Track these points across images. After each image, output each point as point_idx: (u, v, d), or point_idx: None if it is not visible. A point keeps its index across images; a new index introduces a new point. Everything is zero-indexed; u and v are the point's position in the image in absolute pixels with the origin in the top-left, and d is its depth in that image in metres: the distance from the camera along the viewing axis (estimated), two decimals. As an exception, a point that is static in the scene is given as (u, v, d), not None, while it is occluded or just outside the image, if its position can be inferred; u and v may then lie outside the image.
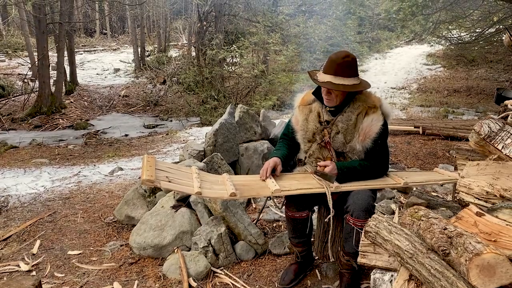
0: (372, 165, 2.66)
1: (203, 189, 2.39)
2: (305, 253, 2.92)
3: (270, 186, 2.51)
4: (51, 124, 11.39)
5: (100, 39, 27.85)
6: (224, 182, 2.59)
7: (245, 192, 2.49)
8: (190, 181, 2.48)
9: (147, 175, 2.29)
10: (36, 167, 6.30)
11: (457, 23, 13.40)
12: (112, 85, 16.38)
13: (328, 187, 2.51)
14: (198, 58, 15.36)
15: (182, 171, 2.61)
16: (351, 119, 2.58)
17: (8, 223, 4.04)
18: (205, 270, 2.96)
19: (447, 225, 1.66)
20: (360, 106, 2.59)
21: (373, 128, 2.56)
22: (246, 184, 2.59)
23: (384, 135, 2.62)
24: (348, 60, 2.52)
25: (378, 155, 2.66)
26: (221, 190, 2.48)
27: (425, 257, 1.64)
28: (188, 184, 2.42)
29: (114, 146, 8.76)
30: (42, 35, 11.57)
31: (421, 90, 14.93)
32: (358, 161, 2.64)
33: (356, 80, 2.55)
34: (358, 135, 2.58)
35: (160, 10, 23.78)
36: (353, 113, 2.59)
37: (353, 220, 2.46)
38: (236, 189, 2.43)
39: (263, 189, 2.53)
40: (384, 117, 2.62)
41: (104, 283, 2.98)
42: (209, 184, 2.52)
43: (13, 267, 3.21)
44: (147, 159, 2.48)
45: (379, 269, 2.04)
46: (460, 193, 2.16)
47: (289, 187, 2.52)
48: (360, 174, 2.64)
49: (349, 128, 2.59)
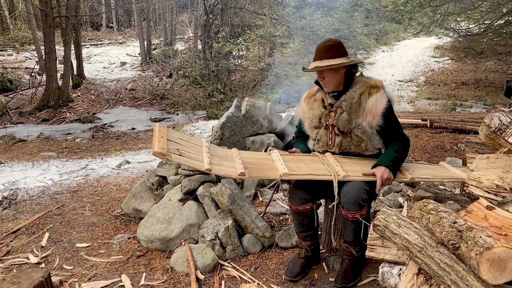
0: (402, 144, 2.66)
1: (213, 165, 2.34)
2: (313, 247, 2.92)
3: (278, 167, 2.47)
4: (58, 117, 11.45)
5: (107, 32, 27.88)
6: (233, 158, 2.54)
7: (254, 172, 2.45)
8: (200, 155, 2.41)
9: (159, 147, 2.21)
10: (44, 160, 6.34)
11: (465, 14, 13.22)
12: (118, 78, 16.41)
13: (335, 174, 2.48)
14: (204, 51, 15.33)
15: (193, 143, 2.53)
16: (354, 98, 2.62)
17: (17, 216, 4.08)
18: (213, 263, 2.96)
19: (456, 219, 1.65)
20: (362, 86, 2.63)
21: (379, 105, 2.57)
22: (255, 163, 2.55)
23: (392, 112, 2.63)
24: (329, 43, 2.61)
25: (398, 132, 2.67)
26: (230, 167, 2.42)
27: (435, 251, 1.63)
28: (198, 159, 2.36)
29: (121, 139, 8.80)
30: (49, 29, 11.60)
31: (428, 82, 14.80)
32: (391, 148, 2.64)
33: (344, 59, 2.59)
34: (365, 115, 2.59)
35: (166, 3, 23.74)
36: (356, 93, 2.62)
37: (345, 212, 2.53)
38: (245, 168, 2.39)
39: (271, 170, 2.49)
40: (388, 97, 2.62)
41: (112, 275, 3.00)
42: (218, 160, 2.46)
43: (23, 259, 3.25)
44: (159, 129, 2.37)
45: (388, 263, 2.03)
46: (470, 186, 2.14)
47: (297, 170, 2.48)
48: (401, 158, 2.64)
49: (353, 107, 2.62)
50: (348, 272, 2.70)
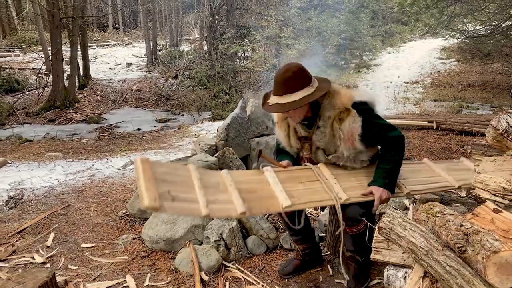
0: (394, 148, 2.47)
1: (210, 205, 2.06)
2: (307, 251, 2.90)
3: (278, 195, 2.28)
4: (64, 118, 11.51)
5: (113, 33, 28.03)
6: (227, 188, 2.26)
7: (255, 206, 2.21)
8: (193, 192, 2.11)
9: (150, 197, 1.83)
10: (50, 160, 6.37)
11: (472, 16, 13.15)
12: (124, 79, 16.47)
13: (337, 198, 2.35)
14: (210, 52, 15.36)
15: (181, 174, 2.20)
16: (325, 134, 2.44)
17: (23, 216, 4.09)
18: (217, 264, 2.96)
19: (463, 222, 1.63)
20: (331, 115, 2.40)
21: (354, 130, 2.36)
22: (251, 190, 2.32)
23: (372, 123, 2.39)
24: (288, 75, 2.32)
25: (387, 136, 2.45)
26: (228, 203, 2.17)
27: (441, 254, 1.62)
28: (193, 200, 2.06)
29: (127, 140, 8.83)
30: (55, 29, 11.67)
31: (434, 84, 14.73)
32: (384, 160, 2.49)
33: (307, 91, 2.32)
34: (343, 144, 2.41)
35: (172, 5, 23.85)
36: (326, 127, 2.42)
37: (343, 226, 2.47)
38: (244, 200, 2.17)
39: (272, 200, 2.28)
40: (363, 112, 2.38)
41: (116, 276, 3.00)
42: (212, 192, 2.19)
43: (28, 259, 3.26)
44: (143, 167, 1.99)
45: (393, 266, 2.01)
46: (476, 189, 2.12)
47: (297, 196, 2.31)
48: (397, 167, 2.48)
49: (328, 142, 2.46)
50: (359, 275, 2.68)
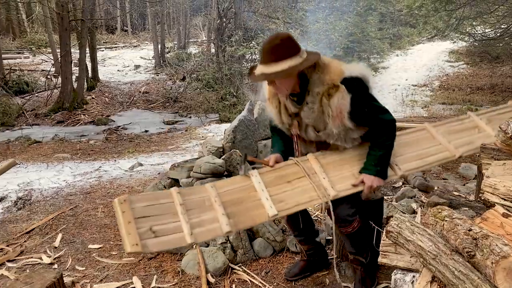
0: (385, 132, 2.37)
1: (195, 230, 2.01)
2: (311, 252, 2.89)
3: (264, 203, 2.22)
4: (73, 119, 11.59)
5: (121, 36, 28.16)
6: (212, 204, 2.19)
7: (240, 221, 2.16)
8: (177, 219, 2.05)
9: (131, 243, 1.81)
10: (58, 161, 6.42)
11: (481, 19, 13.08)
12: (132, 81, 16.56)
13: (326, 196, 2.29)
14: (217, 54, 15.39)
15: (162, 202, 2.13)
16: (314, 111, 2.32)
17: (31, 216, 4.13)
18: (223, 266, 2.96)
19: (472, 226, 1.61)
20: (320, 91, 2.27)
21: (342, 107, 2.24)
22: (237, 201, 2.24)
23: (362, 102, 2.29)
24: (276, 42, 2.20)
25: (378, 118, 2.36)
26: (213, 223, 2.11)
27: (449, 259, 1.60)
28: (176, 229, 2.00)
29: (134, 141, 8.87)
30: (65, 32, 11.77)
31: (443, 87, 14.64)
32: (374, 145, 2.39)
33: (295, 60, 2.18)
34: (332, 121, 2.29)
35: (180, 7, 23.95)
36: (314, 103, 2.30)
37: (337, 228, 2.50)
38: (228, 217, 2.12)
39: (258, 210, 2.22)
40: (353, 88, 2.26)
41: (123, 277, 3.01)
42: (197, 214, 2.12)
43: (36, 259, 3.28)
44: (122, 208, 1.94)
45: (400, 270, 2.00)
46: (485, 193, 2.10)
47: (285, 200, 2.26)
48: (388, 153, 2.40)
49: (317, 119, 2.34)
50: (364, 278, 2.67)
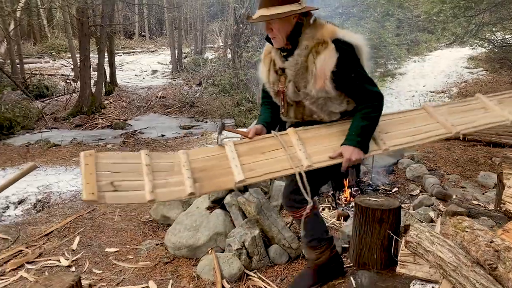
0: (370, 105, 2.24)
1: (157, 189, 1.97)
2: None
3: (234, 170, 2.10)
4: (91, 123, 11.74)
5: (139, 41, 28.54)
6: (180, 169, 2.12)
7: (205, 185, 2.06)
8: (141, 178, 2.02)
9: (88, 191, 1.83)
10: (76, 165, 6.50)
11: (501, 25, 12.88)
12: (149, 86, 16.73)
13: (299, 166, 2.12)
14: (233, 60, 15.47)
15: (129, 162, 2.12)
16: (298, 63, 2.21)
17: (50, 219, 4.19)
18: (239, 272, 2.96)
19: (493, 238, 1.59)
20: (308, 44, 2.18)
21: (327, 67, 2.12)
22: (206, 168, 2.14)
23: (349, 67, 2.17)
24: None
25: (365, 89, 2.23)
26: (178, 185, 2.04)
27: (470, 271, 1.57)
28: (138, 187, 1.97)
29: (151, 146, 8.93)
30: (84, 37, 11.96)
31: (461, 94, 14.42)
32: (358, 116, 2.26)
33: (294, 6, 2.14)
34: (314, 80, 2.18)
35: (197, 13, 24.15)
36: (301, 55, 2.20)
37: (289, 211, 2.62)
38: (195, 181, 2.04)
39: (225, 177, 2.10)
40: (342, 50, 2.15)
41: (139, 281, 3.03)
42: (163, 176, 2.06)
43: (54, 262, 3.33)
44: (86, 161, 1.94)
45: (419, 280, 1.97)
46: (507, 203, 2.07)
47: (255, 169, 2.11)
48: (373, 125, 2.26)
49: (299, 74, 2.22)
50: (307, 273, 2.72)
